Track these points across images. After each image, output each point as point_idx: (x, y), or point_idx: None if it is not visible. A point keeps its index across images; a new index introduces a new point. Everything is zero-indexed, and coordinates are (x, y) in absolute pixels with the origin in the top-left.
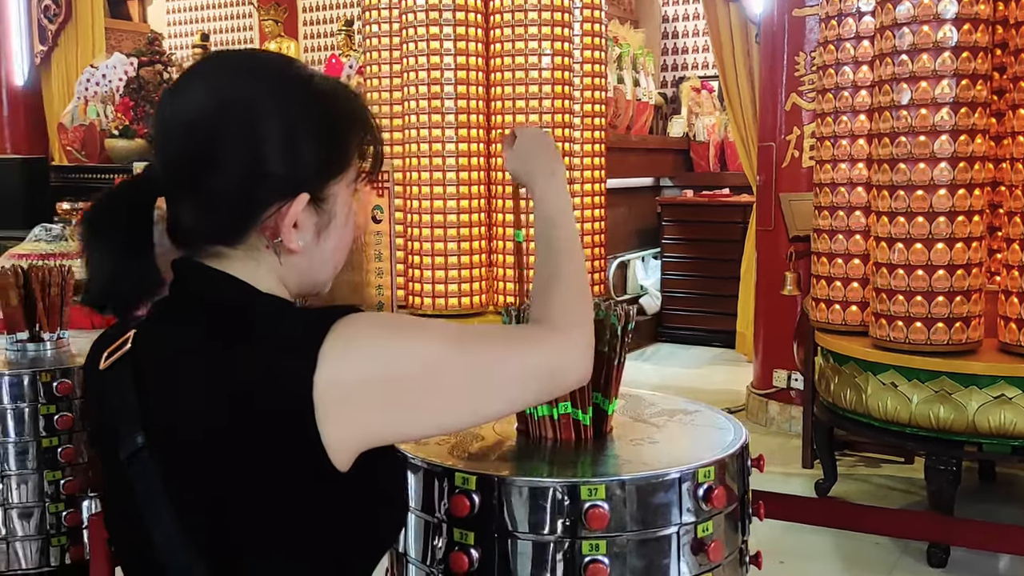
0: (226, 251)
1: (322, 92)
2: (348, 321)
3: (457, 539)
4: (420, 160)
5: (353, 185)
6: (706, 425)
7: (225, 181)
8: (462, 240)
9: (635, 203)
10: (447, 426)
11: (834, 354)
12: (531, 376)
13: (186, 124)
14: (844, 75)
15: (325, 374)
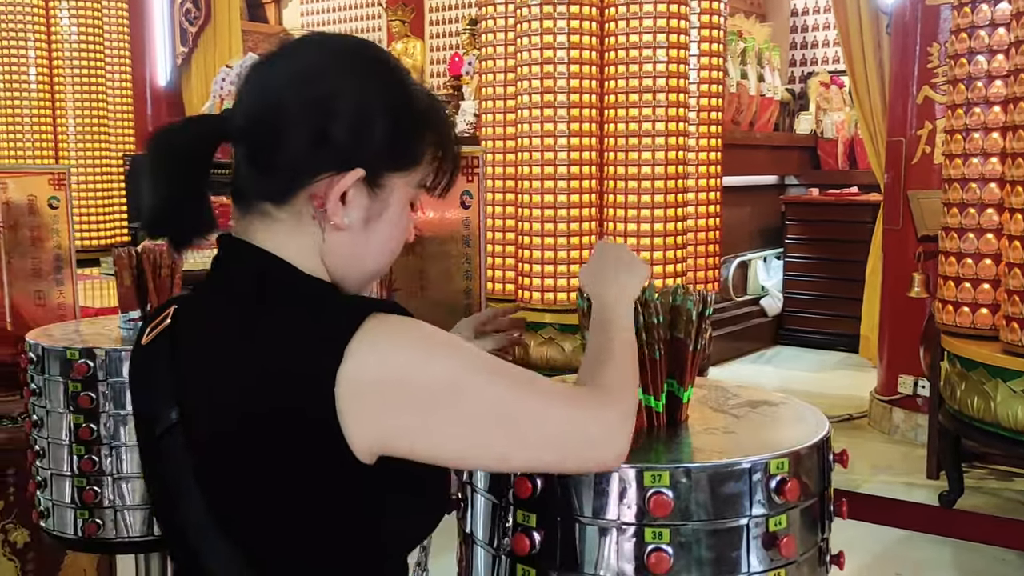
0: (273, 211)
1: (412, 89)
2: (382, 318)
3: (520, 521)
4: (532, 155)
5: (414, 190)
6: (789, 418)
7: (286, 137)
8: (572, 235)
9: (758, 201)
10: (470, 460)
11: (961, 359)
12: (565, 435)
13: (268, 80)
14: (977, 64)
15: (348, 370)
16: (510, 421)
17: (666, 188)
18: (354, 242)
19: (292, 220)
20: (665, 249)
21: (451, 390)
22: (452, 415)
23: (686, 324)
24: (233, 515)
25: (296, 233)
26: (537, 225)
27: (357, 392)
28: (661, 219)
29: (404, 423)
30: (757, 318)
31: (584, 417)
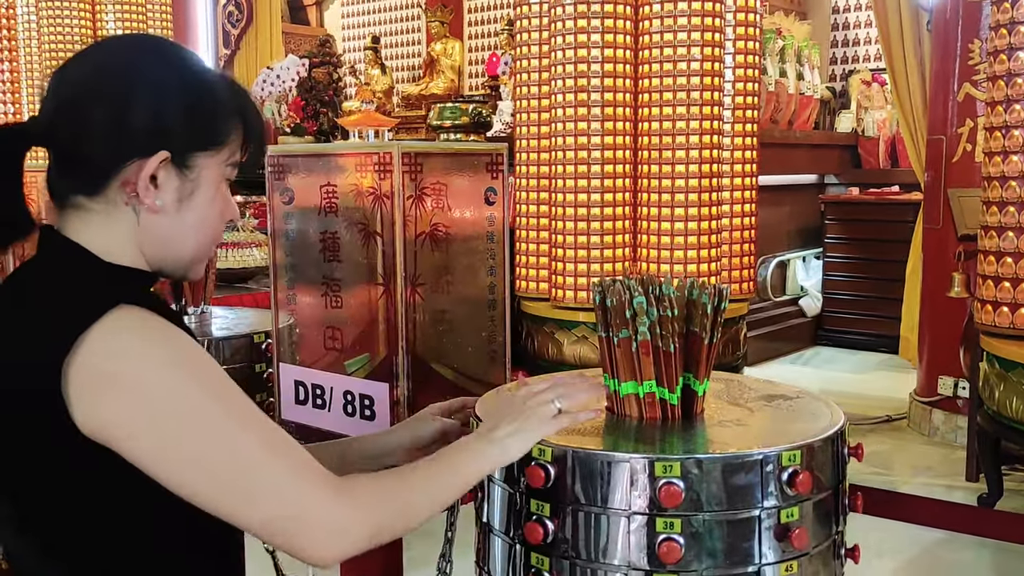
0: (87, 204)
1: (207, 75)
2: (128, 312)
3: (534, 510)
4: (566, 153)
5: (225, 169)
6: (804, 412)
7: (88, 131)
8: (605, 234)
9: (797, 200)
10: (174, 486)
11: (1000, 359)
12: (278, 505)
13: (64, 83)
14: (1018, 60)
15: (79, 356)
16: (221, 466)
17: (700, 187)
18: (170, 224)
19: (106, 210)
20: (699, 248)
21: (169, 411)
22: (163, 435)
23: (701, 318)
24: (4, 491)
25: (110, 222)
26: (571, 224)
27: (81, 378)
28: (695, 218)
29: (117, 420)
30: (796, 318)
31: (309, 497)
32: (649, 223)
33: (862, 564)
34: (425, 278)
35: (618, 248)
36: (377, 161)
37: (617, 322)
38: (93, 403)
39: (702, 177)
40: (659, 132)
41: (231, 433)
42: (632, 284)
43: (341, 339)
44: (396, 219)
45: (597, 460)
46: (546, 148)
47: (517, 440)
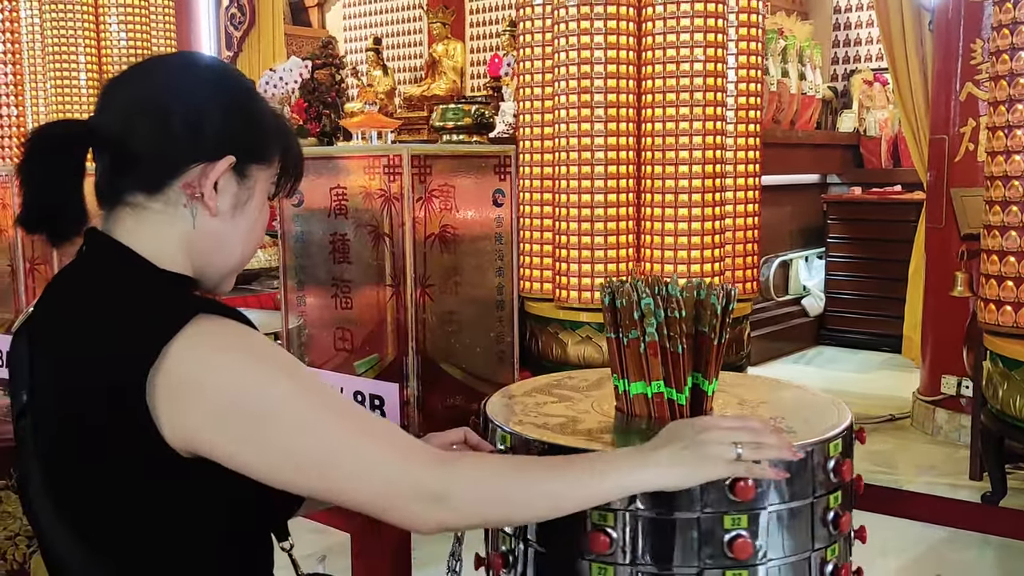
0: (144, 202)
1: (262, 99)
2: (210, 319)
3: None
4: (569, 154)
5: (269, 185)
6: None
7: (160, 132)
8: (609, 234)
9: (799, 200)
10: (280, 483)
11: (1003, 358)
12: (386, 483)
13: (133, 91)
14: (1020, 60)
15: (165, 367)
16: (324, 453)
17: (703, 187)
18: (224, 228)
19: (164, 209)
20: (703, 248)
21: (264, 411)
22: (262, 435)
23: (710, 318)
24: (67, 497)
25: (165, 223)
26: (574, 224)
27: (169, 389)
28: (699, 218)
29: (210, 428)
30: (799, 318)
31: (413, 467)
32: (653, 223)
33: (866, 562)
34: (434, 279)
35: (622, 248)
36: (387, 164)
37: (626, 323)
38: (185, 414)
39: (705, 177)
40: (662, 133)
41: (326, 420)
42: (640, 285)
43: (351, 340)
44: (405, 221)
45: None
46: (549, 149)
47: (682, 470)
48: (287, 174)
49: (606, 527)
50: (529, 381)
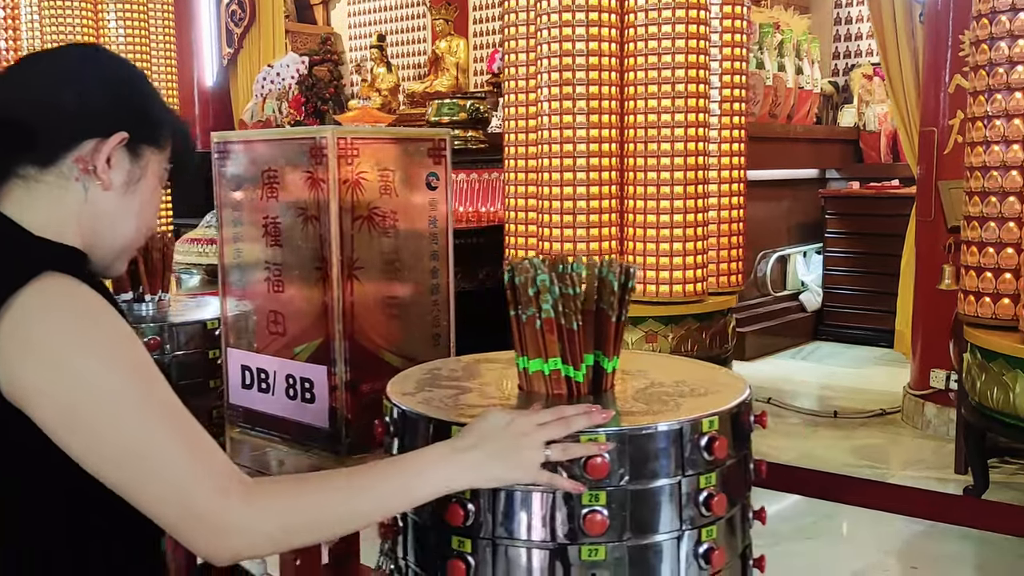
0: (37, 175)
1: (147, 84)
2: (56, 280)
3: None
4: (552, 147)
5: (163, 169)
6: (715, 385)
7: (55, 108)
8: (592, 227)
9: (797, 195)
10: (83, 459)
11: (982, 350)
12: (175, 494)
13: (30, 68)
14: (999, 51)
15: (7, 316)
16: (128, 450)
17: (685, 179)
18: (116, 204)
19: (56, 182)
20: (684, 240)
21: (83, 385)
22: (76, 411)
23: (608, 295)
24: None
25: (56, 196)
26: (556, 217)
27: (8, 339)
28: (680, 210)
29: (34, 387)
30: (796, 313)
31: (207, 494)
32: (635, 215)
33: (843, 556)
34: (364, 262)
35: (604, 241)
36: (313, 146)
37: (524, 300)
38: (13, 367)
39: (687, 169)
40: (644, 125)
41: (144, 419)
42: (538, 263)
43: (283, 324)
44: (331, 204)
45: None
46: (534, 142)
47: (494, 473)
48: (180, 159)
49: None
50: (438, 362)
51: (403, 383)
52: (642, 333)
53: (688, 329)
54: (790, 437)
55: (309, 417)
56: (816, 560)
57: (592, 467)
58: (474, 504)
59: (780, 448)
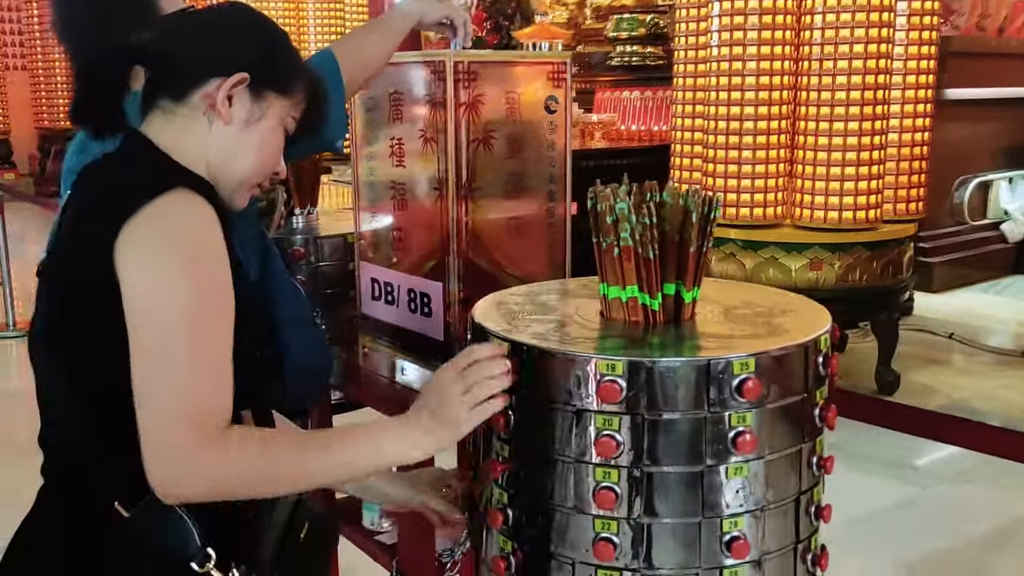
0: (173, 107)
1: (287, 40)
2: (182, 197)
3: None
4: (720, 64)
5: (288, 117)
6: (797, 323)
7: (188, 50)
8: (759, 148)
9: (1006, 116)
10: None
11: None
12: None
13: (177, 22)
14: None
15: (135, 221)
16: (151, 358)
17: (863, 99)
18: (236, 138)
19: (187, 114)
20: (859, 165)
21: (159, 294)
22: (143, 303)
23: (687, 225)
24: (55, 331)
25: (188, 124)
26: (722, 138)
27: (131, 234)
28: (856, 132)
29: (128, 267)
30: (994, 244)
31: (183, 433)
32: (807, 137)
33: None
34: (480, 184)
35: (771, 164)
36: (433, 70)
37: (604, 228)
38: (128, 252)
39: (865, 88)
40: (821, 41)
41: (176, 345)
42: (621, 191)
43: (407, 241)
44: (448, 127)
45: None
46: (703, 59)
47: (431, 439)
48: (311, 113)
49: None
50: (522, 288)
51: (496, 299)
52: (806, 260)
53: (857, 258)
54: (970, 375)
55: (427, 329)
56: (973, 504)
57: (746, 390)
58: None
59: (957, 386)
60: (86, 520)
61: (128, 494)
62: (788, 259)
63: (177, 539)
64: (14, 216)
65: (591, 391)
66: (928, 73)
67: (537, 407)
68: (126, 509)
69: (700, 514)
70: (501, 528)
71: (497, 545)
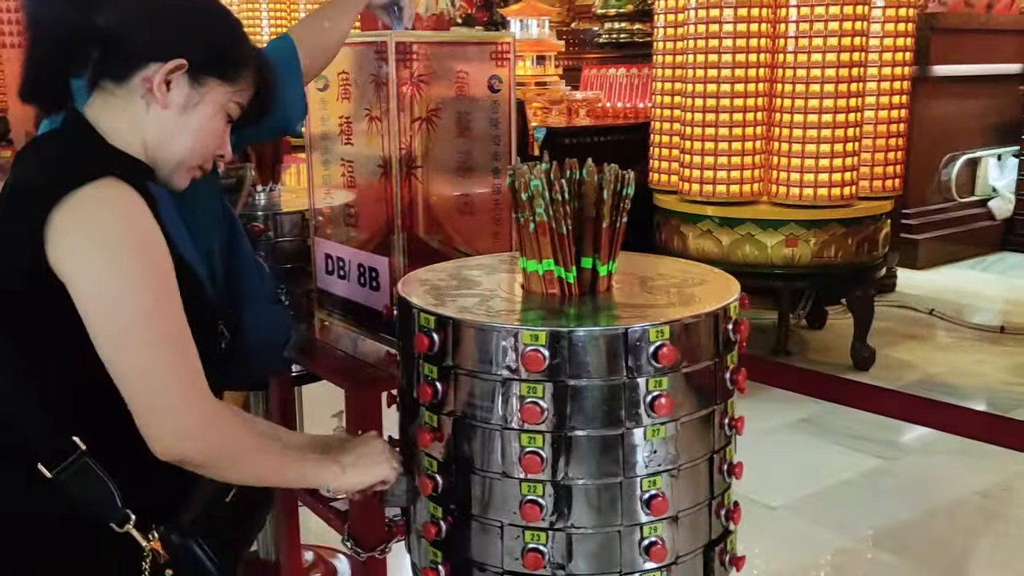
0: (113, 88)
1: (238, 29)
2: (112, 186)
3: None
4: (697, 42)
5: (232, 103)
6: (704, 293)
7: (132, 34)
8: (735, 126)
9: (995, 93)
10: (91, 328)
11: None
12: (152, 386)
13: (126, 4)
14: None
15: (63, 207)
16: (127, 335)
17: (838, 76)
18: (172, 122)
19: (126, 96)
20: (833, 142)
21: (114, 274)
22: (100, 288)
23: (598, 202)
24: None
25: (126, 107)
26: (699, 115)
27: (61, 222)
28: (831, 109)
29: (72, 260)
30: (982, 221)
31: (185, 395)
32: (783, 115)
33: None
34: (423, 162)
35: (748, 140)
36: (376, 50)
37: (521, 204)
38: (62, 244)
39: (840, 67)
40: (797, 19)
41: (147, 320)
42: (536, 169)
43: (356, 217)
44: (391, 105)
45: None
46: (682, 36)
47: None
48: (260, 99)
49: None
50: (447, 263)
51: (421, 275)
52: (782, 237)
53: (833, 235)
54: (948, 351)
55: (375, 303)
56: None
57: (661, 356)
58: (442, 384)
59: (933, 361)
60: (11, 477)
61: (51, 455)
62: (764, 236)
63: (98, 500)
64: None
65: (516, 360)
66: (905, 51)
67: (463, 377)
68: (49, 469)
69: (621, 474)
70: (430, 495)
71: (427, 511)
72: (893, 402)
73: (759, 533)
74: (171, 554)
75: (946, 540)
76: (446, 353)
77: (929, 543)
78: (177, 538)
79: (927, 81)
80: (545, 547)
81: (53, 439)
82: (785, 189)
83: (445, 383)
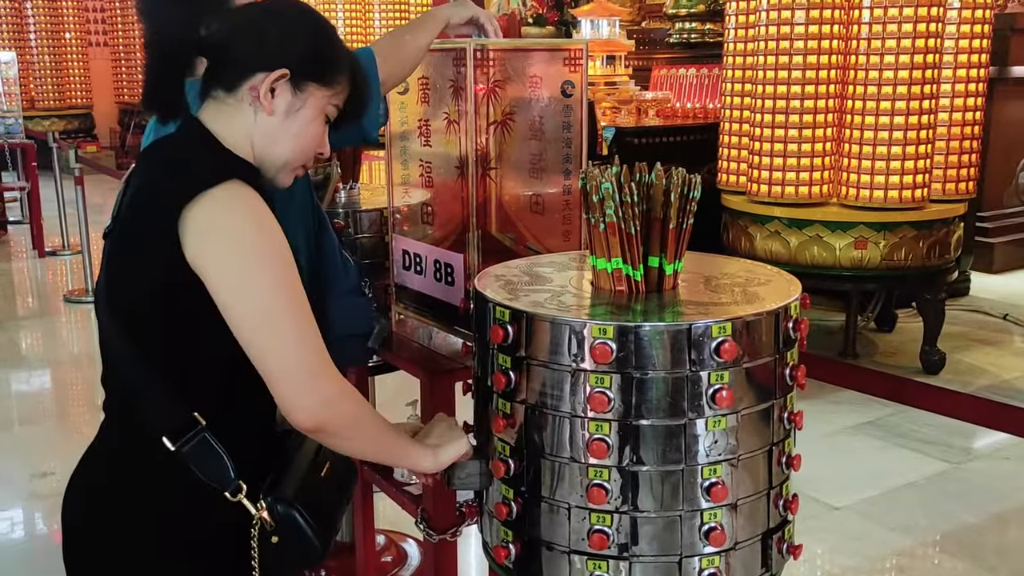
0: (223, 97)
1: (332, 34)
2: (236, 187)
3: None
4: (768, 44)
5: (329, 105)
6: (766, 295)
7: (239, 46)
8: (805, 127)
9: None
10: (233, 320)
11: None
12: (294, 361)
13: (233, 17)
14: None
15: (198, 204)
16: (267, 318)
17: (911, 79)
18: (276, 127)
19: (235, 105)
20: (905, 144)
21: (249, 265)
22: (240, 279)
23: (665, 204)
24: (119, 299)
25: (234, 115)
26: (769, 116)
27: (195, 222)
28: (903, 111)
29: (211, 256)
30: None
31: (325, 367)
32: (854, 116)
33: None
34: (498, 163)
35: (818, 142)
36: (455, 57)
37: (592, 206)
38: (199, 241)
39: (914, 68)
40: (870, 20)
41: (281, 300)
42: (608, 172)
43: (433, 215)
44: (468, 110)
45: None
46: (752, 38)
47: (430, 462)
48: (354, 99)
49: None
50: (519, 260)
51: (496, 272)
52: (851, 239)
53: (903, 237)
54: (1020, 356)
55: (450, 297)
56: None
57: (723, 351)
58: (515, 373)
59: (1005, 367)
60: (138, 450)
61: (174, 430)
62: (833, 238)
63: (214, 471)
64: (94, 188)
65: (585, 353)
66: (981, 52)
67: (535, 368)
68: (172, 443)
69: (683, 462)
70: (502, 477)
71: (500, 493)
72: (962, 405)
73: (823, 532)
74: (277, 522)
75: (1019, 548)
76: (519, 344)
77: (1000, 551)
78: (282, 508)
79: (1006, 82)
80: (610, 529)
81: (176, 415)
82: (855, 191)
83: (518, 372)
